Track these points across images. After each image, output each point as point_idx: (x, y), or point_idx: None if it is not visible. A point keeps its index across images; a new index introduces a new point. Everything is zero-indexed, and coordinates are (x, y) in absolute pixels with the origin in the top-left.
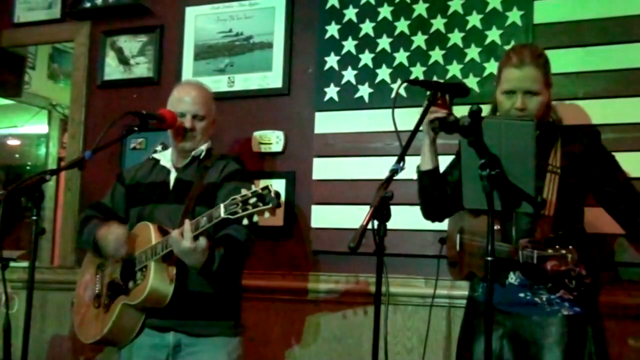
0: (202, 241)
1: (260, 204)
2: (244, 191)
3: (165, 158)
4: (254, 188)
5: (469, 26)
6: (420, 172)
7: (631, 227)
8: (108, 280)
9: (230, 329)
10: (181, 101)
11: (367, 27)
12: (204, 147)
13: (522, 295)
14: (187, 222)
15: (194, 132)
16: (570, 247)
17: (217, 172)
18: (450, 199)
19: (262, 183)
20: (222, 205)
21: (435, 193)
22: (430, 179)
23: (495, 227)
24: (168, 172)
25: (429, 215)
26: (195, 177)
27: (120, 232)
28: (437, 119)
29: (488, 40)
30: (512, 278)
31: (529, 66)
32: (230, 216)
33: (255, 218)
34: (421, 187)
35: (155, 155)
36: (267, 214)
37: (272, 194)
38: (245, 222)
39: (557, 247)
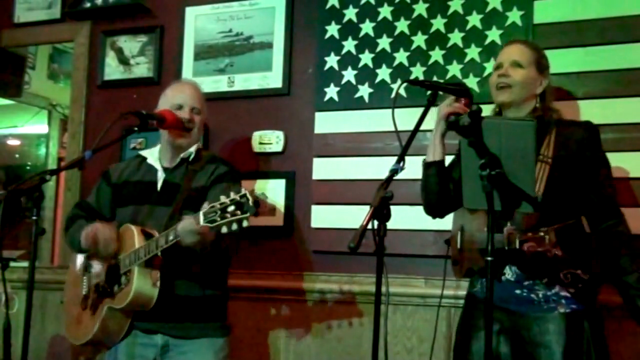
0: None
1: (239, 213)
2: (222, 198)
3: (153, 156)
4: (232, 195)
5: (469, 26)
6: (426, 164)
7: (594, 231)
8: (94, 282)
9: (217, 330)
10: (178, 95)
11: (367, 27)
12: (192, 149)
13: (518, 292)
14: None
15: (192, 124)
16: (548, 228)
17: (206, 176)
18: (452, 196)
19: (262, 183)
20: (201, 214)
21: (438, 187)
22: (435, 171)
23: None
24: (156, 172)
25: (430, 209)
26: (183, 179)
27: (108, 231)
28: (454, 114)
29: (488, 40)
30: (509, 274)
31: (518, 43)
32: (209, 224)
33: (234, 227)
34: (425, 179)
35: (142, 153)
36: (245, 223)
37: (251, 202)
38: (224, 230)
39: (536, 230)
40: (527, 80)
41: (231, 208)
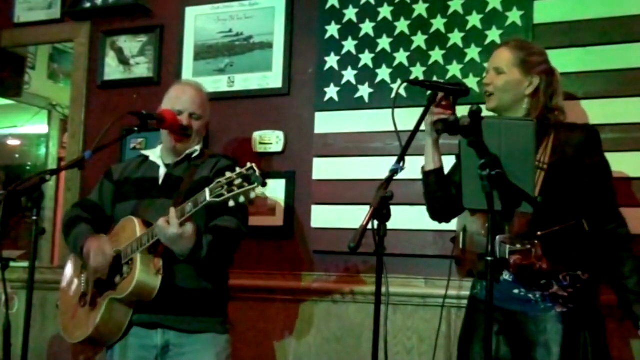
0: (189, 227)
1: (246, 185)
2: (228, 174)
3: (155, 154)
4: (238, 170)
5: (469, 26)
6: (425, 173)
7: (595, 234)
8: (94, 278)
9: (219, 325)
10: (179, 99)
11: (367, 27)
12: (197, 147)
13: (516, 291)
14: (172, 209)
15: (190, 131)
16: (536, 242)
17: (209, 169)
18: (456, 200)
19: None
20: (207, 189)
21: (440, 193)
22: (435, 179)
23: (487, 225)
24: (157, 167)
25: (435, 215)
26: (185, 174)
27: (108, 253)
28: (440, 121)
29: (488, 40)
30: (507, 275)
31: (503, 47)
32: (216, 199)
33: (242, 199)
34: (426, 187)
35: (145, 152)
36: (252, 194)
37: (257, 174)
38: (231, 203)
39: (525, 242)
40: (509, 85)
41: (238, 181)
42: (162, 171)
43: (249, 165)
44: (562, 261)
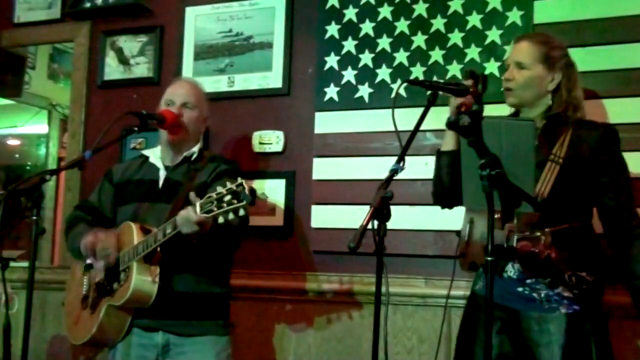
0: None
1: (235, 202)
2: (219, 189)
3: (155, 155)
4: (228, 185)
5: (469, 26)
6: (440, 152)
7: (609, 234)
8: (95, 281)
9: (219, 327)
10: (173, 92)
11: (367, 27)
12: (195, 148)
13: (520, 289)
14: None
15: (182, 119)
16: (547, 230)
17: (208, 173)
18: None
19: (262, 183)
20: (198, 204)
21: (449, 177)
22: (448, 161)
23: (496, 216)
24: (157, 170)
25: (439, 199)
26: (185, 177)
27: (106, 242)
28: (464, 105)
29: (488, 40)
30: (511, 271)
31: (524, 41)
32: (205, 214)
33: (231, 216)
34: (437, 168)
35: (145, 152)
36: (242, 211)
37: (247, 191)
38: (221, 220)
39: (534, 230)
40: (531, 81)
41: (227, 197)
42: (162, 174)
43: (239, 180)
44: (567, 261)
